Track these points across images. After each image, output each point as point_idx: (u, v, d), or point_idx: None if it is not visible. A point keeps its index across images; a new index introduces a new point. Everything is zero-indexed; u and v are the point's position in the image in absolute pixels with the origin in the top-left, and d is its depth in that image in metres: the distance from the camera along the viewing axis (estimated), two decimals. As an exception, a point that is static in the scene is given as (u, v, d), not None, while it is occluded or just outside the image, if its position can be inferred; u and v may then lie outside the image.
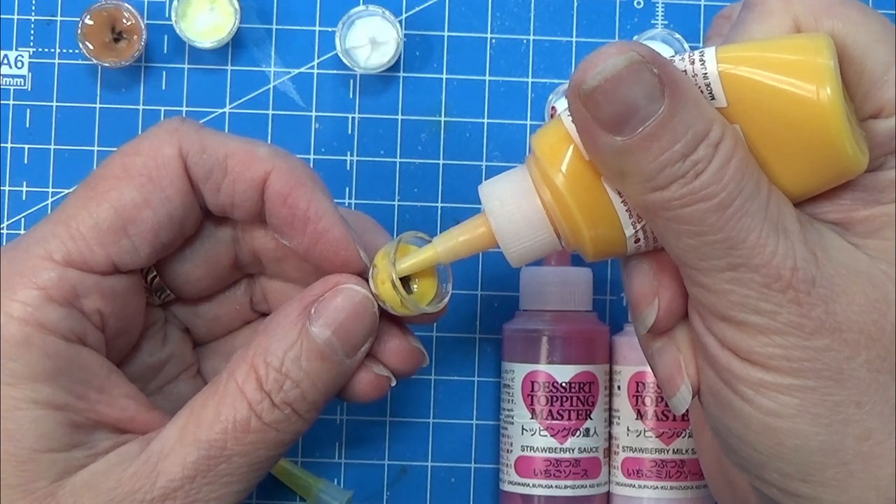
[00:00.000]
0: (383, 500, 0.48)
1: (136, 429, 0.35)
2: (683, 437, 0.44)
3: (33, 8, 0.48)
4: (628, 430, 0.45)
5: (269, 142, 0.48)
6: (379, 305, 0.35)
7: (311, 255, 0.36)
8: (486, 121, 0.49)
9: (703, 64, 0.29)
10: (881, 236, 0.30)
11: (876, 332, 0.29)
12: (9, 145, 0.48)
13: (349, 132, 0.48)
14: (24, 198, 0.48)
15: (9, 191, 0.48)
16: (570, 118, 0.30)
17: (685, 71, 0.29)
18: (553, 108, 0.47)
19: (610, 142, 0.28)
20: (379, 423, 0.48)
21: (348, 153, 0.48)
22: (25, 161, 0.48)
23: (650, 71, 0.28)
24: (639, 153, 0.28)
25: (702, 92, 0.29)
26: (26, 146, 0.48)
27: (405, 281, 0.35)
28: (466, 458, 0.48)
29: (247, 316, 0.40)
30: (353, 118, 0.48)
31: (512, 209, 0.32)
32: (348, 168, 0.48)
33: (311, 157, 0.48)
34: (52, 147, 0.48)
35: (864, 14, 0.30)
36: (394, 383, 0.37)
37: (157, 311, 0.39)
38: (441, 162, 0.48)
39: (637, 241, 0.31)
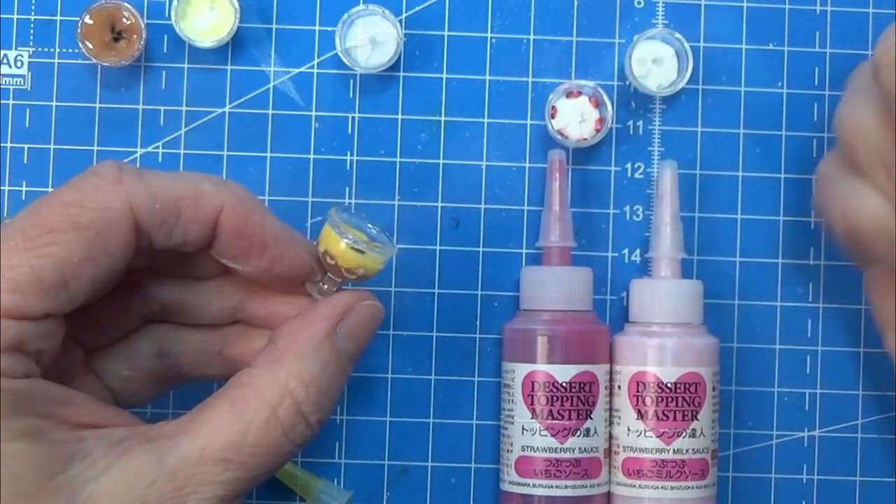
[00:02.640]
0: (383, 500, 0.48)
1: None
2: (684, 437, 0.44)
3: (33, 8, 0.48)
4: (629, 429, 0.45)
5: (267, 142, 0.48)
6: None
7: (267, 277, 0.38)
8: (486, 121, 0.48)
9: None
10: None
11: None
12: (9, 145, 0.48)
13: (349, 132, 0.48)
14: (23, 198, 0.48)
15: (9, 191, 0.48)
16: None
17: None
18: (553, 107, 0.47)
19: None
20: (379, 423, 0.48)
21: (348, 153, 0.48)
22: (25, 161, 0.48)
23: None
24: None
25: None
26: (26, 146, 0.48)
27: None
28: (466, 458, 0.48)
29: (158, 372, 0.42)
30: (353, 118, 0.48)
31: None
32: (348, 168, 0.48)
33: (311, 156, 0.48)
34: (52, 147, 0.48)
35: None
36: None
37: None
38: (441, 162, 0.48)
39: None
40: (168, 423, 0.36)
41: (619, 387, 0.45)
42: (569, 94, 0.47)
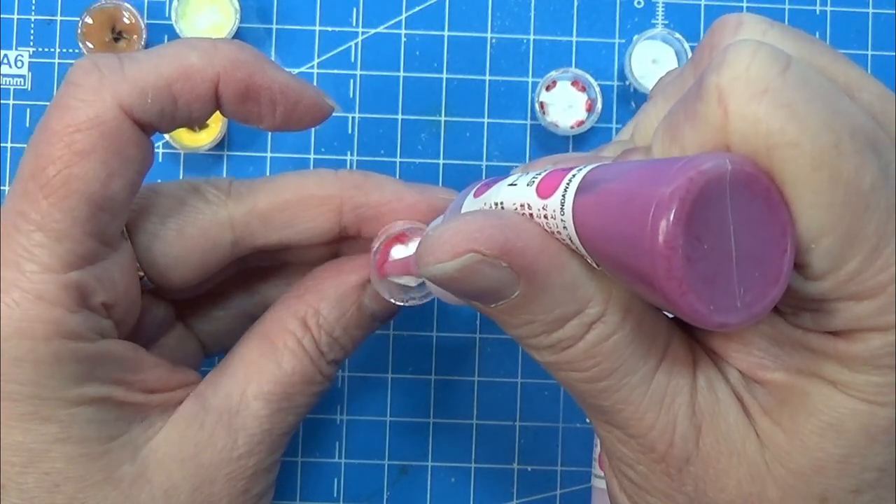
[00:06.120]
0: (383, 500, 0.48)
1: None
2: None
3: (33, 8, 0.48)
4: None
5: (268, 141, 0.48)
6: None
7: (286, 128, 0.36)
8: (486, 120, 0.49)
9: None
10: (776, 418, 0.26)
11: None
12: (9, 145, 0.48)
13: (349, 132, 0.48)
14: (23, 198, 0.48)
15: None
16: None
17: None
18: (541, 103, 0.47)
19: (467, 302, 0.27)
20: (379, 423, 0.48)
21: (348, 153, 0.48)
22: (25, 161, 0.48)
23: (496, 267, 0.25)
24: (499, 320, 0.26)
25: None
26: (26, 146, 0.48)
27: None
28: (466, 458, 0.48)
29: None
30: (353, 118, 0.48)
31: None
32: (348, 168, 0.48)
33: (311, 156, 0.48)
34: (52, 147, 0.48)
35: (798, 150, 0.23)
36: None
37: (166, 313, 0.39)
38: (441, 162, 0.48)
39: None
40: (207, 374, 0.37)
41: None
42: (548, 88, 0.47)
